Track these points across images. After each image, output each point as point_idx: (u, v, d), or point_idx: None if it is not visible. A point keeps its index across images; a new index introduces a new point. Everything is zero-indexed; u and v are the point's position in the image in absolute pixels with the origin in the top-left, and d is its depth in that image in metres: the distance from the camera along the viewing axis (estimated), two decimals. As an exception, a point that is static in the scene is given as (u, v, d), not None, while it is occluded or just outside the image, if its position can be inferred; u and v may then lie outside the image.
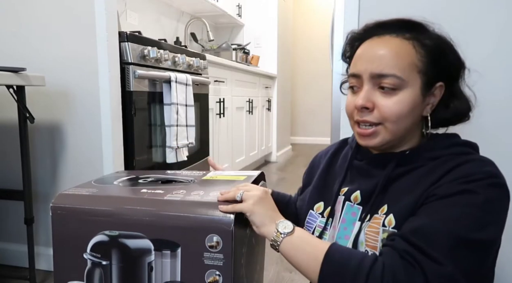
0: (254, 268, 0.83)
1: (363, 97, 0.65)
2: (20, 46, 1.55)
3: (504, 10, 1.16)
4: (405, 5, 1.25)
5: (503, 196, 0.60)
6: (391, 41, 0.66)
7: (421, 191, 0.61)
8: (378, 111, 0.65)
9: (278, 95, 4.15)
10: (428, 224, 0.56)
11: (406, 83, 0.63)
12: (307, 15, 5.40)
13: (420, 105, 0.66)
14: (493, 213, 0.57)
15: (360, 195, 0.70)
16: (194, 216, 0.65)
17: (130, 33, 1.58)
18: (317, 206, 0.78)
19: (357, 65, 0.68)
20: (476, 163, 0.61)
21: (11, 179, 1.60)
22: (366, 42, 0.69)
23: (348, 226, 0.70)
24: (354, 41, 0.73)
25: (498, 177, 0.59)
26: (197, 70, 2.14)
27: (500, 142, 1.17)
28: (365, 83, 0.66)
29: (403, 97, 0.63)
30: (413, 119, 0.66)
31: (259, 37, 4.08)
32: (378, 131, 0.66)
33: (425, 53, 0.65)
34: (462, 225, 0.55)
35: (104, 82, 1.49)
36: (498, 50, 1.17)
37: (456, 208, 0.56)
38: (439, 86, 0.67)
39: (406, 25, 0.68)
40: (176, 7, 3.23)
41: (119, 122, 1.56)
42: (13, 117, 1.46)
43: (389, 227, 0.63)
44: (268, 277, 1.55)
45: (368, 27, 0.71)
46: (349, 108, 0.70)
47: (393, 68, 0.63)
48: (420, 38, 0.66)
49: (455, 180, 0.59)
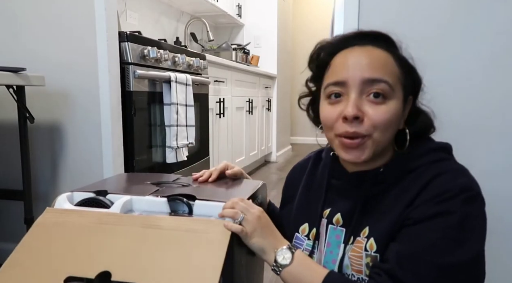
0: (254, 268, 0.83)
1: (353, 106, 0.61)
2: (20, 46, 1.55)
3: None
4: (404, 5, 1.25)
5: (479, 208, 0.60)
6: (375, 51, 0.64)
7: (398, 212, 0.61)
8: (369, 121, 0.61)
9: (278, 95, 4.15)
10: (410, 255, 0.57)
11: (394, 93, 0.63)
12: (307, 15, 5.40)
13: (400, 118, 0.65)
14: (471, 229, 0.57)
15: (341, 217, 0.70)
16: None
17: (130, 33, 1.58)
18: (302, 228, 0.76)
19: (341, 72, 0.64)
20: (449, 175, 0.61)
21: (11, 179, 1.60)
22: (347, 51, 0.66)
23: (334, 249, 0.70)
24: (331, 48, 0.69)
25: (471, 189, 0.59)
26: (197, 70, 2.14)
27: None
28: (352, 91, 0.62)
29: (391, 107, 0.62)
30: (393, 132, 0.65)
31: (259, 37, 4.08)
32: (366, 143, 0.62)
33: (401, 67, 0.65)
34: (443, 251, 0.56)
35: (104, 82, 1.49)
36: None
37: (434, 233, 0.57)
38: (409, 100, 0.68)
39: (384, 39, 0.67)
40: (176, 7, 3.23)
41: (119, 122, 1.56)
42: (13, 117, 1.46)
43: (371, 251, 0.63)
44: (268, 277, 1.55)
45: (347, 36, 0.68)
46: (330, 119, 0.65)
47: (384, 75, 0.62)
48: (396, 53, 0.66)
49: (429, 200, 0.59)
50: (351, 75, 0.62)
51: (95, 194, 0.75)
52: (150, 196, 0.75)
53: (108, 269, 0.57)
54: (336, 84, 0.64)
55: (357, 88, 0.62)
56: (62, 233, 0.64)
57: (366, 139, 0.62)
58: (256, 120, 3.54)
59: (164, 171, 1.82)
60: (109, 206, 0.72)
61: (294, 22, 5.05)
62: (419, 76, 0.68)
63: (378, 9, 1.27)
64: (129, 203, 0.73)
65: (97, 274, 0.56)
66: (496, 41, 1.18)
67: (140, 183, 0.85)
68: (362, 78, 0.62)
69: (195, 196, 0.73)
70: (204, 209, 0.71)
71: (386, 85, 0.61)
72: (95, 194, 0.75)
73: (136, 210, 0.74)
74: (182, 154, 1.88)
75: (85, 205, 0.73)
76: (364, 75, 0.62)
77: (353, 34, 0.68)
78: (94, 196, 0.75)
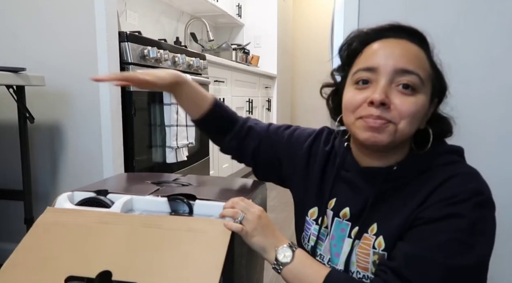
0: (254, 268, 0.83)
1: (381, 92, 0.60)
2: (20, 46, 1.55)
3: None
4: (404, 5, 1.25)
5: (489, 213, 0.60)
6: (410, 45, 0.64)
7: (408, 211, 0.61)
8: (395, 110, 0.60)
9: (278, 95, 4.15)
10: (417, 255, 0.57)
11: (423, 87, 0.62)
12: (307, 15, 5.40)
13: (424, 115, 0.65)
14: (480, 233, 0.57)
15: (349, 212, 0.70)
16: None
17: (130, 33, 1.58)
18: (311, 212, 0.77)
19: (373, 59, 0.63)
20: (461, 178, 0.60)
21: (11, 179, 1.60)
22: (382, 41, 0.65)
23: (338, 243, 0.70)
24: (365, 37, 0.68)
25: (481, 193, 0.59)
26: (197, 70, 2.14)
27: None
28: (382, 78, 0.61)
29: (419, 100, 0.61)
30: (416, 127, 0.64)
31: (259, 37, 4.08)
32: (389, 128, 0.61)
33: (433, 67, 0.65)
34: (451, 253, 0.56)
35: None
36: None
37: (444, 235, 0.57)
38: (434, 102, 0.67)
39: (419, 36, 0.67)
40: (176, 7, 3.23)
41: (119, 122, 1.56)
42: (13, 117, 1.46)
43: (379, 249, 0.63)
44: (268, 277, 1.55)
45: (382, 28, 0.68)
46: (353, 102, 0.63)
47: (417, 68, 0.61)
48: (429, 52, 0.66)
49: (440, 202, 0.59)
50: (383, 62, 0.61)
51: (96, 193, 0.75)
52: (151, 195, 0.75)
53: (109, 268, 0.57)
54: (367, 69, 0.63)
55: (388, 76, 0.61)
56: (63, 233, 0.64)
57: (390, 124, 0.60)
58: (256, 120, 3.54)
59: (164, 171, 1.82)
60: (109, 206, 0.72)
61: (294, 22, 5.05)
62: (445, 83, 0.68)
63: (378, 9, 1.27)
64: (130, 202, 0.73)
65: (97, 274, 0.56)
66: (499, 42, 1.18)
67: (140, 182, 0.85)
68: (394, 67, 0.61)
69: (195, 196, 0.73)
70: (205, 209, 0.72)
71: (417, 78, 0.61)
72: (95, 193, 0.75)
73: (136, 209, 0.74)
74: (182, 154, 1.88)
75: (86, 204, 0.73)
76: (397, 64, 0.61)
77: (389, 26, 0.67)
78: (94, 196, 0.75)
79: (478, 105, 1.20)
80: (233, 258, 0.65)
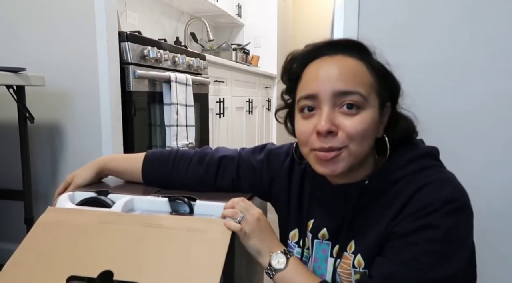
0: (254, 268, 0.83)
1: (327, 120, 0.59)
2: (20, 46, 1.55)
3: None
4: (404, 6, 1.25)
5: (464, 217, 0.59)
6: (346, 60, 0.62)
7: (383, 227, 0.61)
8: (343, 133, 0.59)
9: (278, 95, 4.14)
10: (393, 271, 0.57)
11: (368, 103, 0.60)
12: (307, 15, 5.40)
13: (377, 126, 0.63)
14: (456, 241, 0.57)
15: (327, 232, 0.69)
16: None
17: (130, 33, 1.58)
18: (292, 234, 0.76)
19: (312, 85, 0.61)
20: (433, 187, 0.59)
21: (11, 179, 1.60)
22: (317, 61, 0.64)
23: (321, 264, 0.70)
24: (302, 59, 0.66)
25: (455, 200, 0.57)
26: (197, 70, 2.14)
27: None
28: (324, 104, 0.60)
29: (366, 117, 0.60)
30: (371, 141, 0.63)
31: (259, 37, 4.08)
32: (341, 156, 0.60)
33: (376, 74, 0.63)
34: (428, 266, 0.55)
35: (104, 82, 1.49)
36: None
37: (418, 248, 0.56)
38: (387, 107, 0.65)
39: (356, 46, 0.65)
40: (176, 7, 3.23)
41: (119, 122, 1.56)
42: (13, 117, 1.46)
43: (359, 268, 0.63)
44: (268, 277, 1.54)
45: (316, 46, 0.66)
46: (304, 135, 0.62)
47: (357, 86, 0.60)
48: (369, 60, 0.64)
49: (412, 214, 0.58)
50: (322, 88, 0.60)
51: (97, 193, 0.76)
52: (151, 195, 0.75)
53: (110, 268, 0.57)
54: (308, 98, 0.62)
55: (329, 101, 0.60)
56: (64, 232, 0.64)
57: (342, 152, 0.60)
58: (256, 120, 3.54)
59: (164, 170, 1.81)
60: (110, 206, 0.72)
61: (294, 22, 5.05)
62: (396, 82, 0.66)
63: (378, 9, 1.28)
64: (130, 202, 0.73)
65: (99, 273, 0.57)
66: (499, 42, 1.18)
67: (141, 182, 0.85)
68: (333, 90, 0.59)
69: (196, 197, 0.73)
70: (205, 209, 0.72)
71: (358, 96, 0.59)
72: (96, 193, 0.76)
73: (137, 209, 0.74)
74: (182, 154, 1.88)
75: (87, 204, 0.73)
76: (335, 87, 0.59)
77: (323, 43, 0.66)
78: (95, 196, 0.75)
79: (478, 106, 1.20)
80: (233, 257, 0.65)
